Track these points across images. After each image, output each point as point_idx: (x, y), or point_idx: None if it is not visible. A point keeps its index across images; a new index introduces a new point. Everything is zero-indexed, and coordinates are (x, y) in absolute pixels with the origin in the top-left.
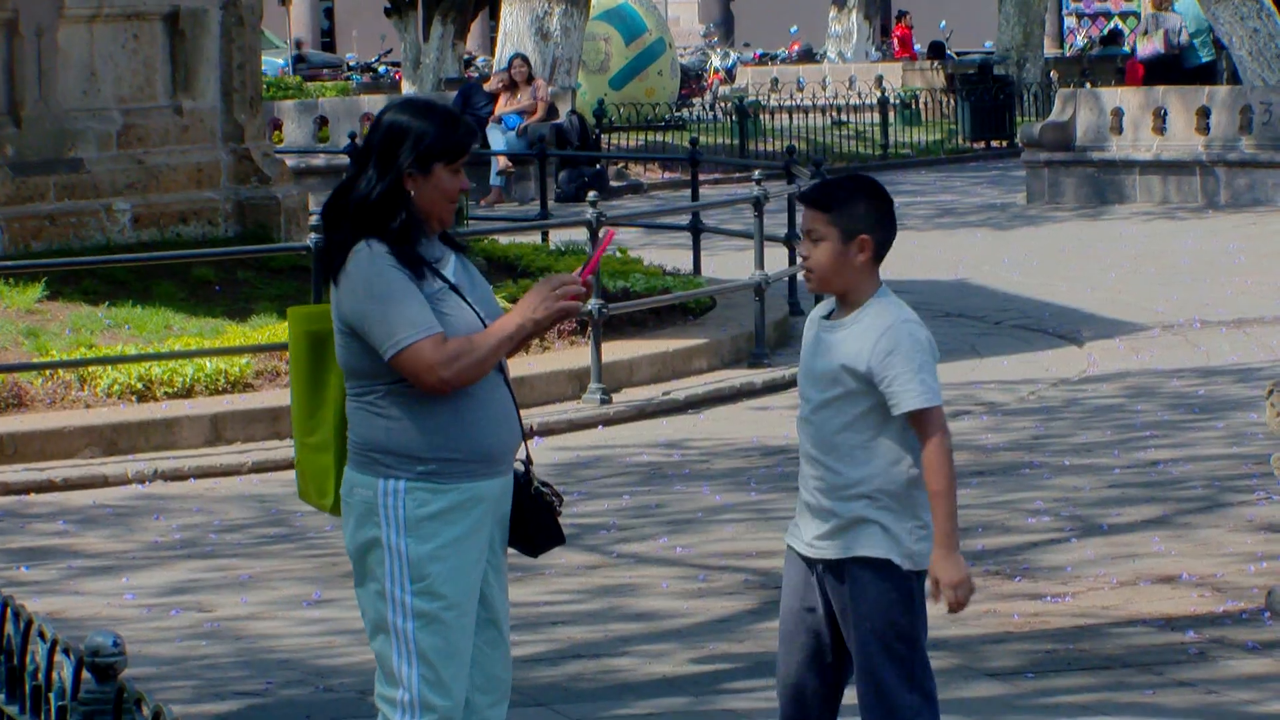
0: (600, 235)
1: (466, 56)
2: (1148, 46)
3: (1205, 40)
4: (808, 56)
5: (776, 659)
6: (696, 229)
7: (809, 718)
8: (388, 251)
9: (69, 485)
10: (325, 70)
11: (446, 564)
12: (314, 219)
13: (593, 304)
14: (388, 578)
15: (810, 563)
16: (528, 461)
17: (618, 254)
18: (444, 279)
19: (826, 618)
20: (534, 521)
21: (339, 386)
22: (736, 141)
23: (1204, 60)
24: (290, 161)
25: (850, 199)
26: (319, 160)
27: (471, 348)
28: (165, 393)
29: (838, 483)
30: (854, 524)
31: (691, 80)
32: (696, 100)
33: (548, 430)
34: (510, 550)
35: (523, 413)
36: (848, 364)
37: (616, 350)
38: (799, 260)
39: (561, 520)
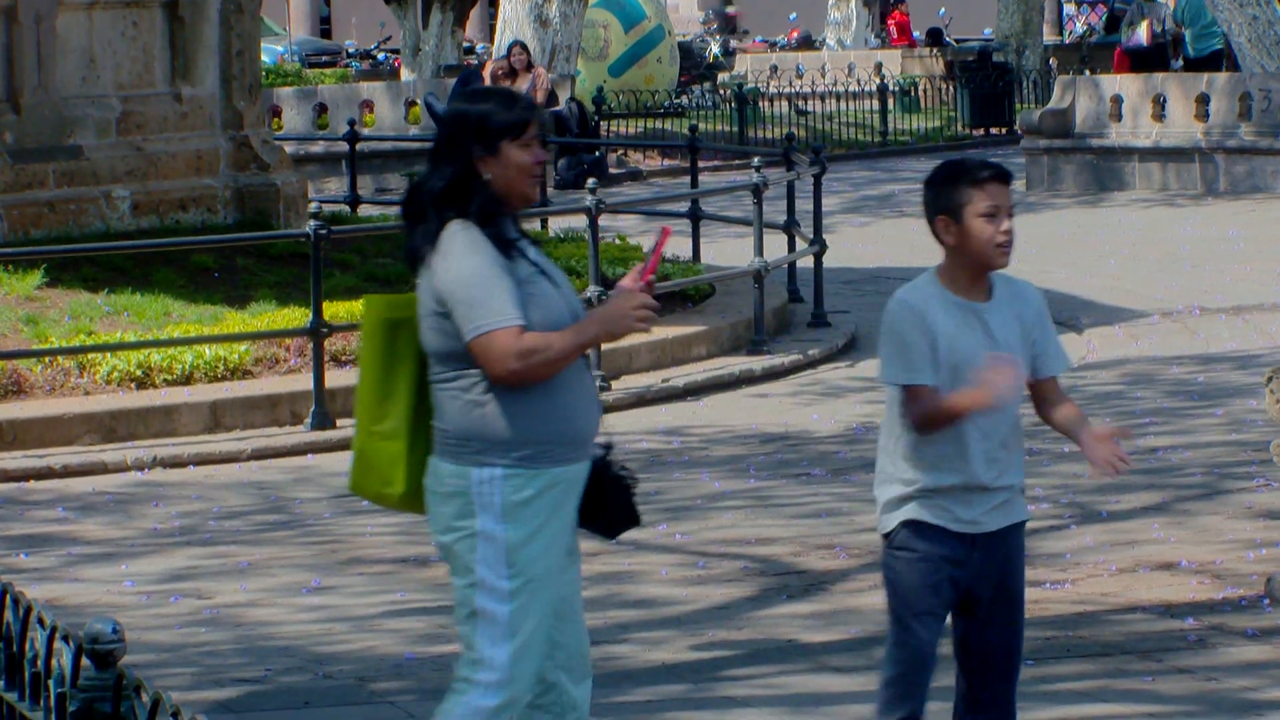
0: (658, 234)
1: (466, 44)
2: (1133, 37)
3: (1214, 31)
4: (807, 43)
5: (912, 634)
6: (696, 216)
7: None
8: (480, 233)
9: (68, 472)
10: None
11: (539, 547)
12: (313, 206)
13: (591, 291)
14: (481, 563)
15: (969, 539)
16: (609, 445)
17: (616, 241)
18: (532, 262)
19: (958, 591)
20: (614, 503)
21: (411, 375)
22: (736, 128)
23: (1194, 54)
24: (289, 149)
25: None
26: (318, 147)
27: (547, 345)
28: (164, 380)
29: (1016, 457)
30: (1020, 491)
31: (691, 67)
32: (696, 87)
33: None
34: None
35: None
36: (1021, 342)
37: None
38: (1000, 236)
39: None
